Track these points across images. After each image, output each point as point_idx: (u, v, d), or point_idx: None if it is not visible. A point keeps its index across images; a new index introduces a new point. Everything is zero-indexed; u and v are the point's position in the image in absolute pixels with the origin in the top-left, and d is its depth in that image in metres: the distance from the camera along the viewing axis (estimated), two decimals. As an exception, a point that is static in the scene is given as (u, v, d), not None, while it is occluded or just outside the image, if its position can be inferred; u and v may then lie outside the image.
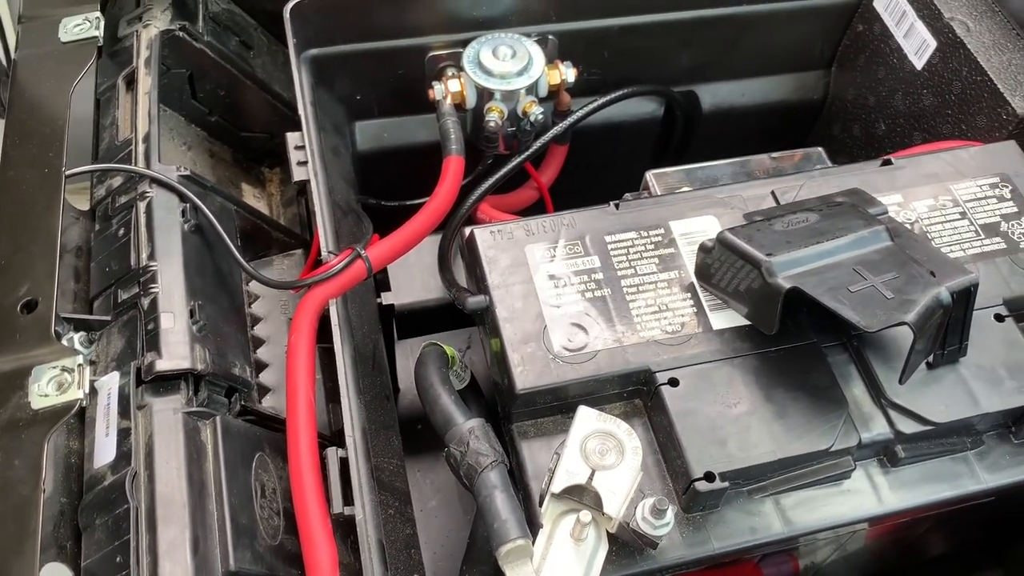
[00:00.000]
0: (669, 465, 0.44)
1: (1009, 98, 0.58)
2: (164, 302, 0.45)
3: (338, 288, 0.47)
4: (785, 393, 0.44)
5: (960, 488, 0.45)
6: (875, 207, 0.47)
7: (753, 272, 0.44)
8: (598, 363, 0.45)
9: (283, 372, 0.51)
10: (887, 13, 0.67)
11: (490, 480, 0.41)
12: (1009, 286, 0.49)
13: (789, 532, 0.43)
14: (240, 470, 0.44)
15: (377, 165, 0.69)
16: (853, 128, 0.72)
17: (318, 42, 0.61)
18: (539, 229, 0.49)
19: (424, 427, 0.66)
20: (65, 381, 0.41)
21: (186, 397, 0.44)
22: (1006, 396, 0.45)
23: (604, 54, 0.67)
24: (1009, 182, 0.53)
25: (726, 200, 0.51)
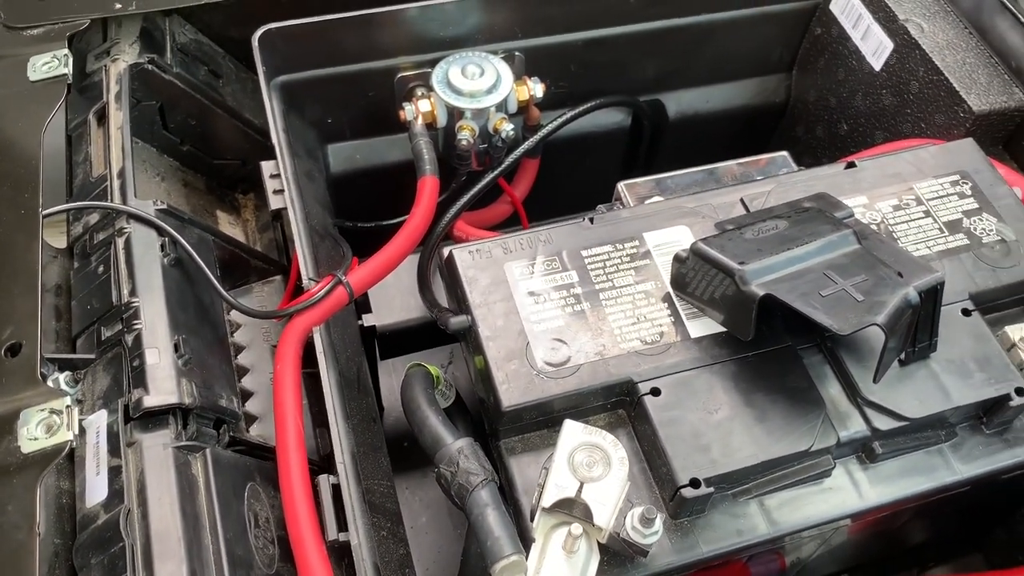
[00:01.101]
0: (655, 473, 0.45)
1: (965, 96, 0.60)
2: (148, 337, 0.46)
3: (321, 315, 0.47)
4: (764, 397, 0.45)
5: (937, 480, 0.47)
6: (841, 211, 0.49)
7: (727, 281, 0.45)
8: (581, 377, 0.45)
9: (269, 400, 0.52)
10: (843, 16, 0.69)
11: (481, 498, 0.42)
12: (974, 281, 0.50)
13: (774, 532, 0.44)
14: (233, 501, 0.44)
15: (351, 186, 0.69)
16: (816, 129, 0.74)
17: (287, 69, 0.61)
18: (517, 247, 0.50)
19: (411, 445, 0.66)
20: (54, 423, 0.42)
21: (175, 432, 0.44)
22: (976, 388, 0.47)
23: (571, 67, 0.68)
24: (969, 179, 0.54)
25: (697, 209, 0.52)
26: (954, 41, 0.63)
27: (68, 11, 0.57)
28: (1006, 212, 0.53)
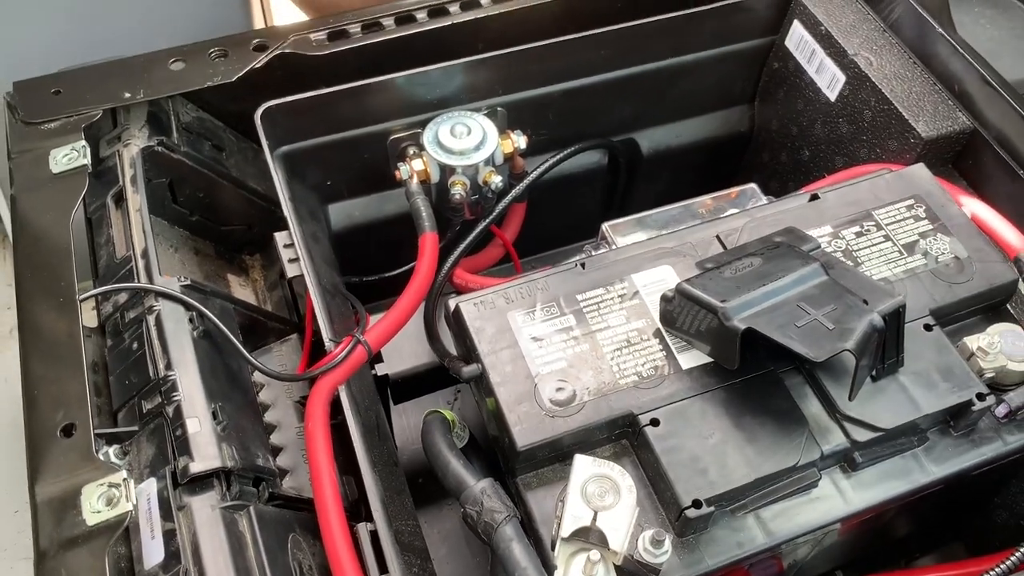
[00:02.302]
0: (660, 497, 0.49)
1: (914, 123, 0.65)
2: (187, 408, 0.50)
3: (344, 374, 0.52)
4: (752, 419, 0.50)
5: (913, 482, 0.51)
6: (808, 243, 0.54)
7: (711, 317, 0.49)
8: (586, 413, 0.50)
9: (297, 454, 0.56)
10: (798, 51, 0.74)
11: (506, 534, 0.46)
12: (933, 297, 0.55)
13: (771, 542, 0.49)
14: (278, 553, 0.48)
15: (352, 241, 0.73)
16: (780, 155, 0.79)
17: (288, 140, 0.66)
18: (517, 295, 0.55)
19: (425, 481, 0.71)
20: (113, 496, 0.46)
21: (220, 493, 0.48)
22: (942, 396, 0.52)
23: (549, 116, 0.73)
24: (922, 202, 0.60)
25: (678, 248, 0.57)
26: (901, 71, 0.68)
27: (81, 104, 0.61)
28: (957, 231, 0.58)
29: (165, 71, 0.64)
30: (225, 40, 0.66)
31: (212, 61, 0.64)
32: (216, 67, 0.64)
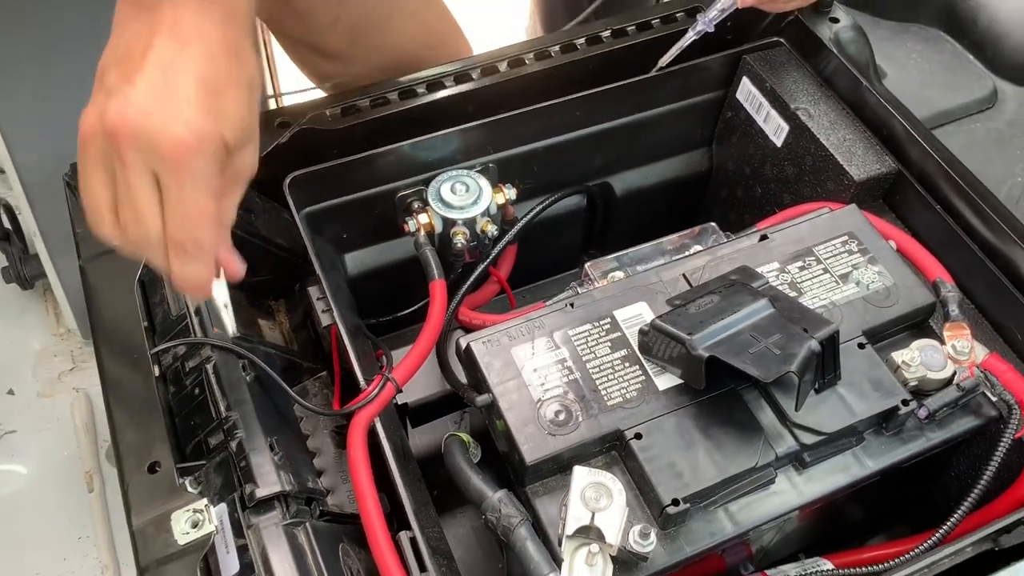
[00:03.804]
0: (645, 498, 0.59)
1: (847, 168, 0.76)
2: (248, 443, 0.59)
3: (377, 408, 0.61)
4: (718, 429, 0.60)
5: (853, 475, 0.62)
6: (758, 281, 0.64)
7: (680, 347, 0.60)
8: (581, 432, 0.60)
9: (336, 475, 0.66)
10: (748, 103, 0.85)
11: (521, 534, 0.56)
12: (865, 320, 0.66)
13: (738, 530, 0.59)
14: (333, 561, 0.58)
15: (365, 285, 0.83)
16: (737, 192, 0.90)
17: (311, 202, 0.75)
18: (519, 334, 0.65)
19: (440, 493, 0.80)
20: (198, 520, 0.55)
21: (281, 512, 0.58)
22: (873, 403, 0.62)
23: (534, 168, 0.83)
24: (855, 237, 0.70)
25: (651, 287, 0.68)
26: (836, 121, 0.79)
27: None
28: (885, 261, 0.69)
29: (202, 148, 0.74)
30: (252, 119, 0.75)
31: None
32: (246, 144, 0.74)
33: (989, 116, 1.11)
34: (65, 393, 0.90)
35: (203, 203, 0.49)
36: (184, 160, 0.48)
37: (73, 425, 0.87)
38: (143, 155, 0.47)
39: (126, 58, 0.49)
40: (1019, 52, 1.13)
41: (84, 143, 0.49)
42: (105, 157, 0.49)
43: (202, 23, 0.49)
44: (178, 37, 0.49)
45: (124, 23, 0.50)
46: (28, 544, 0.80)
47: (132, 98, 0.47)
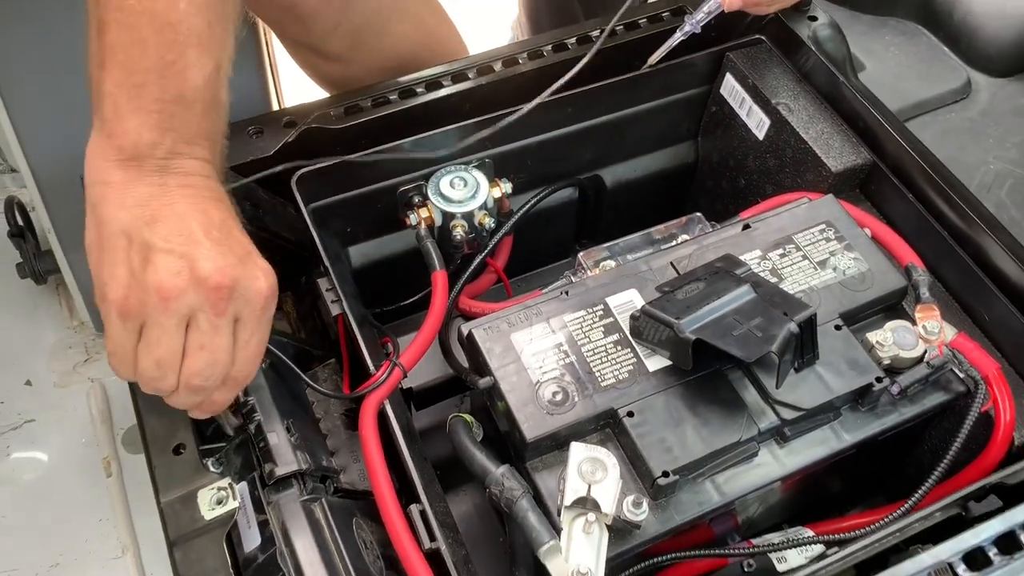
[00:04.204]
0: (637, 471, 0.63)
1: (825, 159, 0.80)
2: (267, 425, 0.63)
3: (387, 392, 0.65)
4: (704, 407, 0.65)
5: (831, 448, 0.66)
6: (741, 268, 0.68)
7: (669, 330, 0.64)
8: (577, 411, 0.64)
9: (347, 456, 0.70)
10: (731, 98, 0.89)
11: (523, 506, 0.60)
12: (841, 303, 0.70)
13: (724, 500, 0.63)
14: (347, 533, 0.62)
15: (369, 275, 0.87)
16: (722, 183, 0.94)
17: (317, 197, 0.79)
18: (517, 320, 0.69)
19: (442, 473, 0.85)
20: (222, 497, 0.59)
21: (299, 489, 0.62)
22: (849, 381, 0.66)
23: (528, 163, 0.87)
24: (832, 226, 0.75)
25: (641, 275, 0.72)
26: (815, 115, 0.84)
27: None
28: (860, 248, 0.73)
29: (213, 148, 0.77)
30: (260, 119, 0.79)
31: (251, 138, 0.78)
32: (255, 143, 0.77)
33: (963, 106, 1.16)
34: (80, 383, 0.93)
35: (264, 341, 0.58)
36: (266, 306, 0.56)
37: (89, 414, 0.91)
38: (235, 304, 0.54)
39: (162, 218, 0.53)
40: (992, 44, 1.18)
41: (167, 299, 0.52)
42: (188, 311, 0.53)
43: (206, 184, 0.56)
44: (198, 198, 0.55)
45: (129, 185, 0.53)
46: (51, 528, 0.84)
47: (215, 255, 0.53)
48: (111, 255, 0.53)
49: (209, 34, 0.55)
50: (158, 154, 0.53)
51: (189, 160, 0.55)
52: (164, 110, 0.53)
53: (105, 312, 0.54)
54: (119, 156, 0.53)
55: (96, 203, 0.54)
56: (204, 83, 0.55)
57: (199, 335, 0.54)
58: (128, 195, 0.53)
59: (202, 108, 0.55)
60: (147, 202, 0.53)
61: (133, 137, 0.53)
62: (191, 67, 0.54)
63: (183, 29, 0.53)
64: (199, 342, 0.54)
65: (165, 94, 0.53)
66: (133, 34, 0.52)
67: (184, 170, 0.55)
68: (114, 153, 0.53)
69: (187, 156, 0.55)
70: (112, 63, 0.53)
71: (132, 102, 0.53)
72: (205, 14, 0.54)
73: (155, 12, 0.52)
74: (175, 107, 0.54)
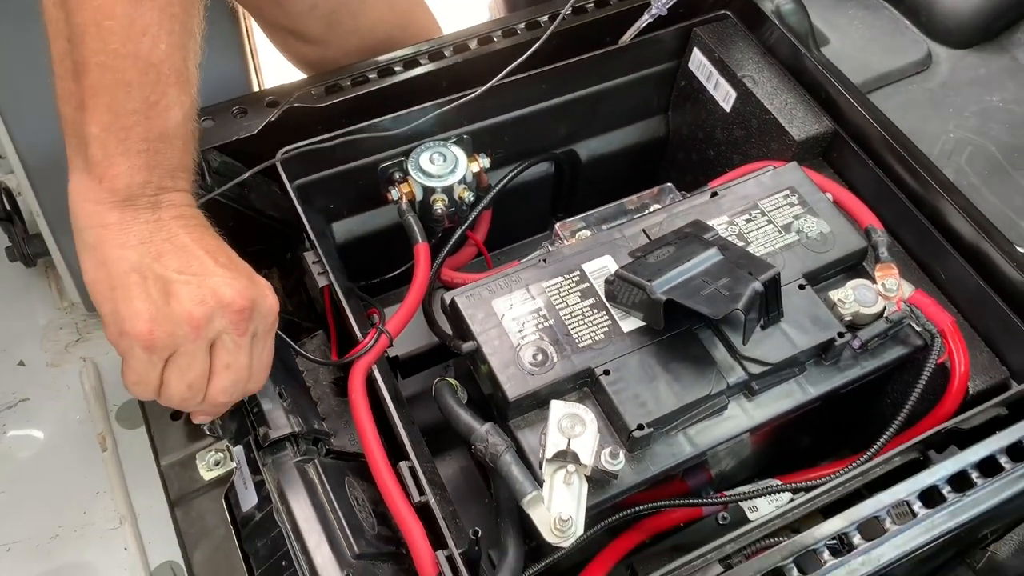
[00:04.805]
0: (614, 425, 0.67)
1: (788, 128, 0.84)
2: (260, 392, 0.66)
3: (374, 358, 0.68)
4: (676, 364, 0.68)
5: (796, 400, 0.69)
6: (709, 232, 0.72)
7: (641, 292, 0.67)
8: (556, 371, 0.67)
9: (336, 421, 0.73)
10: (699, 72, 0.92)
11: (507, 460, 0.64)
12: (805, 264, 0.73)
13: (696, 451, 0.67)
14: (340, 491, 0.65)
15: (352, 250, 0.90)
16: (692, 155, 0.98)
17: (301, 175, 0.82)
18: (498, 287, 0.72)
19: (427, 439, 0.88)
20: (220, 459, 0.62)
21: (293, 451, 0.65)
22: (813, 336, 0.70)
23: (504, 138, 0.90)
24: (795, 192, 0.78)
25: (615, 242, 0.75)
26: (779, 86, 0.87)
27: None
28: (822, 212, 0.77)
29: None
30: (243, 99, 0.81)
31: (235, 118, 0.80)
32: (239, 122, 0.80)
33: (924, 78, 1.20)
34: (73, 363, 0.96)
35: (272, 351, 0.63)
36: (274, 319, 0.61)
37: (83, 391, 0.93)
38: (254, 323, 0.58)
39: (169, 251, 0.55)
40: (950, 17, 1.22)
41: (198, 327, 0.55)
42: (215, 334, 0.56)
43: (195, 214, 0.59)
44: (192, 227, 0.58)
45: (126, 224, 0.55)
46: (50, 501, 0.87)
47: (231, 279, 0.56)
48: (125, 292, 0.55)
49: (186, 70, 0.57)
50: (148, 192, 0.55)
51: (175, 193, 0.57)
52: (151, 149, 0.55)
53: (126, 346, 0.56)
54: (113, 199, 0.54)
55: (95, 245, 0.55)
56: (184, 119, 0.57)
57: (225, 355, 0.57)
58: (129, 234, 0.55)
59: (183, 143, 0.58)
60: (149, 238, 0.55)
61: (125, 180, 0.54)
62: (173, 105, 0.55)
63: (165, 69, 0.55)
64: (225, 362, 0.58)
65: (151, 133, 0.55)
66: (117, 76, 0.53)
67: (173, 203, 0.57)
68: (107, 196, 0.54)
69: (172, 189, 0.57)
70: (95, 105, 0.53)
71: (120, 144, 0.54)
72: (182, 52, 0.56)
73: (139, 55, 0.53)
74: (160, 144, 0.55)
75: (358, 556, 0.61)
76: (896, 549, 0.60)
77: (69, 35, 0.54)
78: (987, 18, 1.22)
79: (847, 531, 0.60)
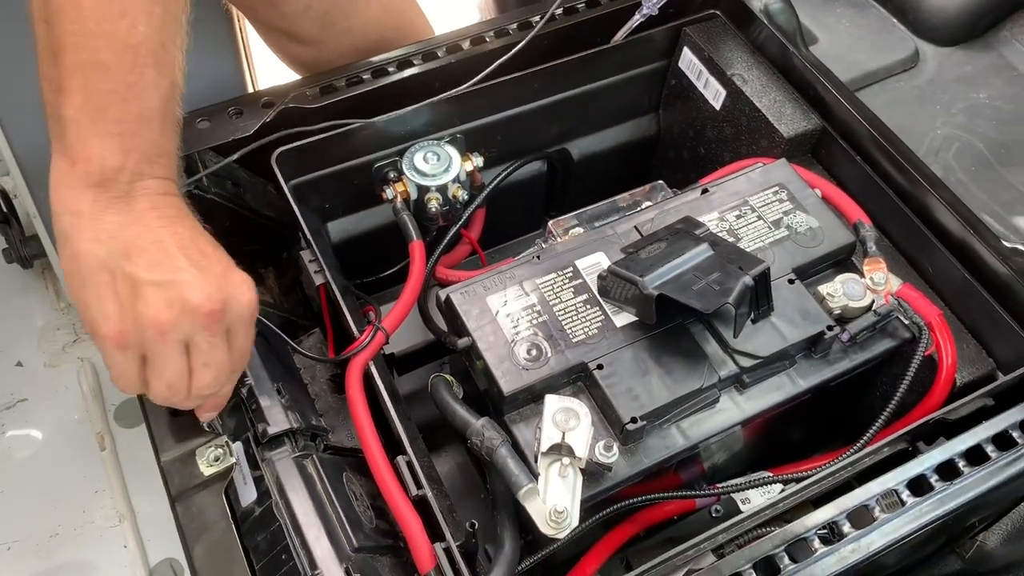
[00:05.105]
0: (608, 418, 0.68)
1: (777, 126, 0.85)
2: (258, 389, 0.67)
3: (371, 354, 0.69)
4: (668, 358, 0.69)
5: (787, 393, 0.70)
6: (700, 228, 0.73)
7: (634, 288, 0.68)
8: (551, 366, 0.68)
9: (334, 417, 0.74)
10: (689, 71, 0.93)
11: (502, 453, 0.65)
12: (794, 259, 0.75)
13: (688, 443, 0.68)
14: (339, 486, 0.66)
15: (348, 249, 0.91)
16: (682, 153, 0.99)
17: (296, 175, 0.82)
18: (492, 284, 0.73)
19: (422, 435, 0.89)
20: (220, 455, 0.63)
21: (291, 447, 0.66)
22: (802, 330, 0.71)
23: (497, 138, 0.91)
24: (784, 188, 0.79)
25: (607, 238, 0.76)
26: (767, 84, 0.88)
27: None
28: (811, 208, 0.78)
29: (194, 130, 0.81)
30: (238, 100, 0.82)
31: (231, 119, 0.81)
32: (235, 123, 0.81)
33: (912, 75, 1.21)
34: (70, 363, 0.96)
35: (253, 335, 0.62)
36: (251, 313, 0.60)
37: (81, 391, 0.94)
38: (227, 321, 0.58)
39: (140, 248, 0.54)
40: (937, 15, 1.23)
41: (164, 332, 0.55)
42: (185, 336, 0.56)
43: (171, 203, 0.58)
44: (167, 219, 0.56)
45: (98, 214, 0.54)
46: (49, 500, 0.88)
47: (201, 281, 0.55)
48: (95, 291, 0.54)
49: (164, 53, 0.56)
50: (123, 178, 0.54)
51: (152, 180, 0.56)
52: (126, 132, 0.54)
53: (100, 345, 0.56)
54: (87, 183, 0.54)
55: (68, 233, 0.54)
56: (162, 102, 0.56)
57: (200, 355, 0.57)
58: (100, 226, 0.54)
59: (160, 126, 0.56)
60: (119, 232, 0.54)
61: (98, 163, 0.53)
62: (150, 88, 0.55)
63: (143, 51, 0.54)
64: (202, 361, 0.57)
65: (126, 115, 0.54)
66: (92, 56, 0.53)
67: (149, 191, 0.56)
68: (82, 180, 0.54)
69: (149, 176, 0.56)
70: (72, 86, 0.53)
71: (94, 126, 0.53)
72: (160, 35, 0.56)
73: (115, 35, 0.53)
74: (136, 127, 0.54)
75: (357, 549, 0.62)
76: (885, 537, 0.61)
77: (47, 16, 0.54)
78: (973, 16, 1.23)
79: (837, 520, 0.61)
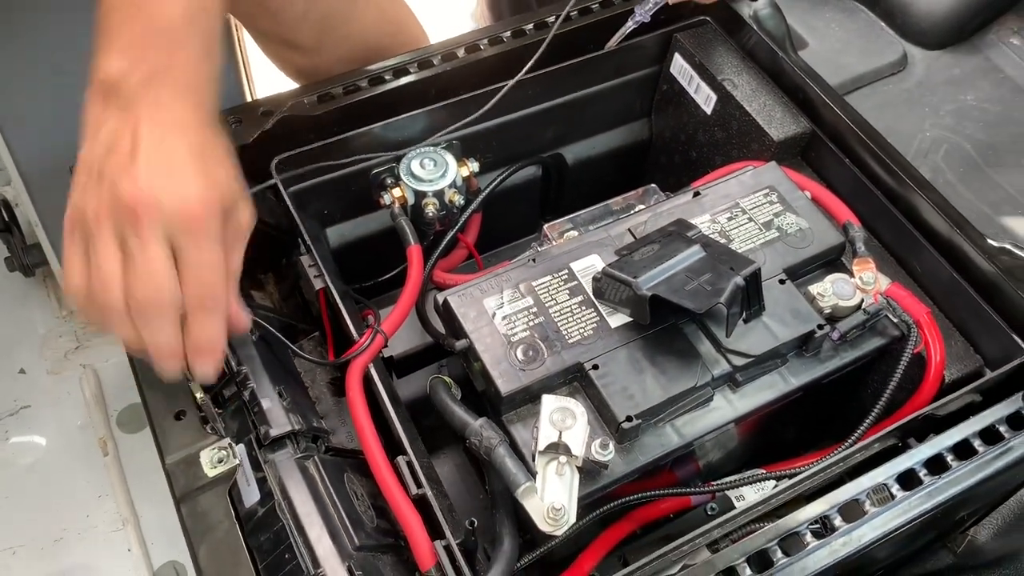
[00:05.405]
0: (603, 417, 0.69)
1: (767, 130, 0.87)
2: (259, 391, 0.68)
3: (370, 357, 0.71)
4: (662, 357, 0.71)
5: (779, 391, 0.72)
6: (692, 231, 0.74)
7: (628, 289, 0.69)
8: (547, 367, 0.70)
9: (335, 420, 0.75)
10: (680, 76, 0.95)
11: (500, 452, 0.66)
12: (784, 260, 0.76)
13: (683, 441, 0.69)
14: (340, 486, 0.67)
15: (346, 255, 0.92)
16: (674, 157, 1.00)
17: (295, 182, 0.84)
18: (488, 287, 0.74)
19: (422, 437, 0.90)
20: (223, 456, 0.64)
21: (293, 448, 0.67)
22: (793, 329, 0.72)
23: (493, 143, 0.92)
24: (775, 190, 0.81)
25: (602, 241, 0.77)
26: (757, 88, 0.90)
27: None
28: (801, 209, 0.80)
29: (194, 138, 0.82)
30: (237, 109, 0.84)
31: (230, 128, 0.82)
32: (235, 132, 0.82)
33: (900, 78, 1.23)
34: (72, 370, 0.98)
35: (218, 257, 0.57)
36: (198, 222, 0.55)
37: (83, 398, 0.95)
38: (160, 225, 0.54)
39: (115, 148, 0.54)
40: (925, 19, 1.25)
41: (92, 226, 0.54)
42: (116, 235, 0.54)
43: (175, 111, 0.57)
44: (159, 124, 0.55)
45: (98, 124, 0.55)
46: (53, 505, 0.89)
47: (140, 176, 0.53)
48: (74, 185, 0.56)
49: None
50: (132, 82, 0.55)
51: (163, 89, 0.56)
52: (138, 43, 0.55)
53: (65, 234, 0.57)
54: (99, 89, 0.55)
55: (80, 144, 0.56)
56: (184, 14, 0.56)
57: (129, 254, 0.54)
58: (99, 130, 0.55)
59: (183, 39, 0.56)
60: (113, 135, 0.55)
61: (106, 68, 0.55)
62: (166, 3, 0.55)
63: None
64: (132, 258, 0.54)
65: (136, 24, 0.55)
66: None
67: (156, 101, 0.55)
68: (97, 88, 0.55)
69: (161, 85, 0.56)
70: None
71: (104, 36, 0.55)
72: None
73: None
74: (153, 39, 0.55)
75: (358, 548, 0.63)
76: (876, 530, 0.62)
77: None
78: (960, 20, 1.25)
79: (829, 514, 0.63)
